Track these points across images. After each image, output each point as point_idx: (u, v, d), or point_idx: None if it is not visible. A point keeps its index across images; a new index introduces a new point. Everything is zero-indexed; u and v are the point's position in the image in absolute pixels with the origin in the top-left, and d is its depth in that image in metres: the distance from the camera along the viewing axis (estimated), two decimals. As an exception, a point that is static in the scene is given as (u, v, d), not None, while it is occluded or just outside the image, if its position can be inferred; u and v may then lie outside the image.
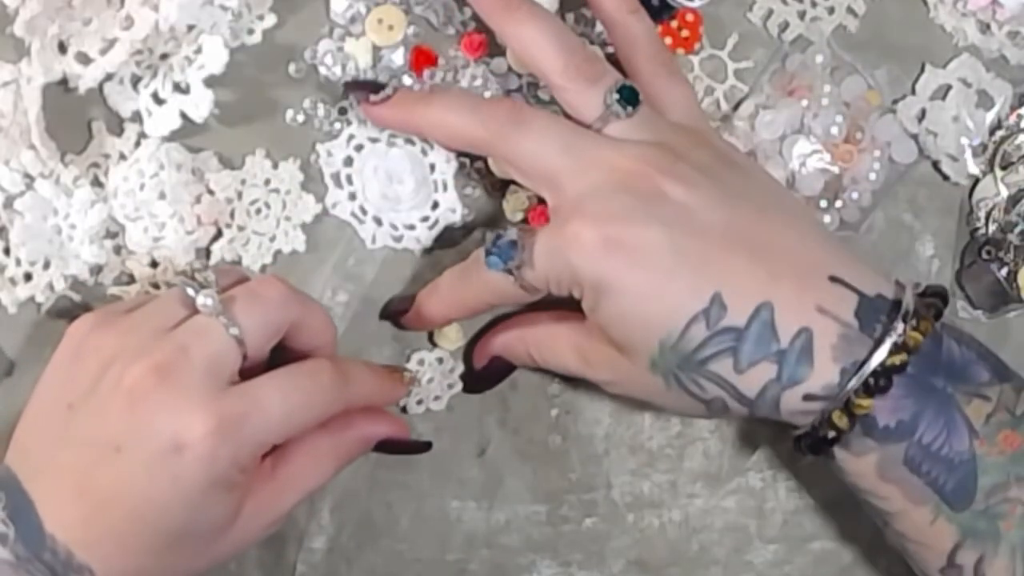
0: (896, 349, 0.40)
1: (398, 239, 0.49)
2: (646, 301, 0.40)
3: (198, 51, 0.47)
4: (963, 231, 0.52)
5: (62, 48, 0.47)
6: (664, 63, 0.45)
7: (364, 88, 0.47)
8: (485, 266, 0.43)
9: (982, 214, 0.51)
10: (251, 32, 0.48)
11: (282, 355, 0.44)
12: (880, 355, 0.40)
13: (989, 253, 0.51)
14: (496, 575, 0.50)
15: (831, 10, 0.51)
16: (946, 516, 0.41)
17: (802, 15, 0.51)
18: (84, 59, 0.47)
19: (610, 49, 0.48)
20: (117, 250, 0.48)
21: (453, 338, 0.49)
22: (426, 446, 0.48)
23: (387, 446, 0.47)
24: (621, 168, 0.41)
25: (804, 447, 0.42)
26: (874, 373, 0.40)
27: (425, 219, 0.49)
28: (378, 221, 0.49)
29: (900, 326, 0.40)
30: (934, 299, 0.42)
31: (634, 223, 0.40)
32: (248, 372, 0.42)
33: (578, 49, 0.44)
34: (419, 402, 0.49)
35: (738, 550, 0.51)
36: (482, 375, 0.49)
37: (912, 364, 0.40)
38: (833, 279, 0.41)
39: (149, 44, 0.47)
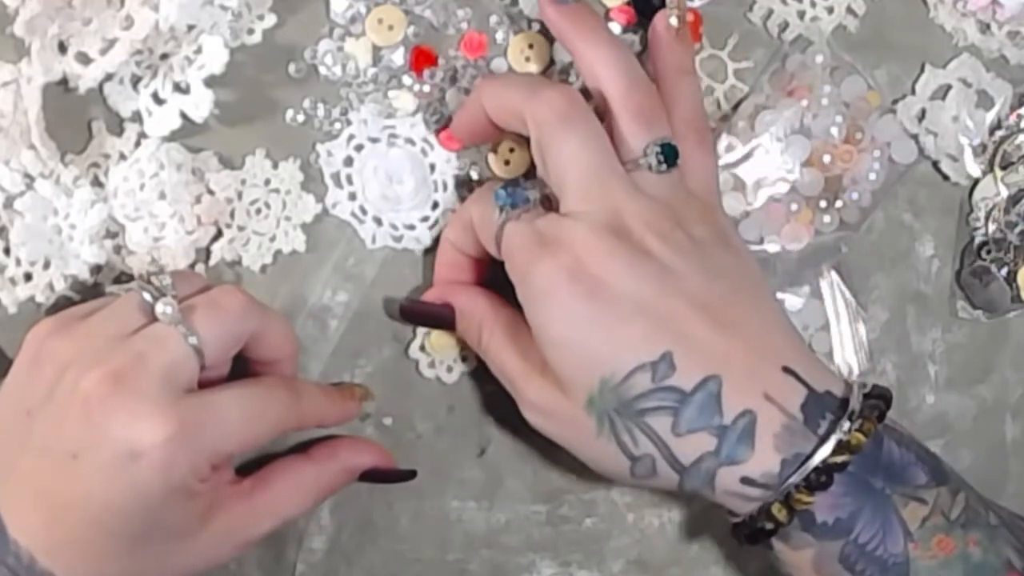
0: (839, 448, 0.40)
1: (398, 239, 0.49)
2: (593, 334, 0.40)
3: (198, 51, 0.47)
4: (963, 231, 0.52)
5: (62, 48, 0.47)
6: (699, 129, 0.45)
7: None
8: (493, 194, 0.43)
9: (982, 214, 0.51)
10: (251, 32, 0.48)
11: (243, 366, 0.44)
12: (824, 452, 0.40)
13: (989, 253, 0.51)
14: (496, 575, 0.50)
15: (831, 10, 0.51)
16: None
17: (802, 15, 0.51)
18: (84, 59, 0.47)
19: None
20: (117, 250, 0.48)
21: (445, 344, 0.49)
22: (410, 474, 0.49)
23: (372, 475, 0.47)
24: (624, 214, 0.41)
25: (742, 535, 0.43)
26: (816, 469, 0.40)
27: (425, 219, 0.49)
28: (378, 221, 0.49)
29: (846, 425, 0.40)
30: (878, 400, 0.42)
31: (610, 264, 0.40)
32: (208, 383, 0.42)
33: (643, 84, 0.44)
34: (431, 365, 0.49)
35: (738, 550, 0.51)
36: (420, 308, 0.48)
37: (853, 463, 0.40)
38: (786, 370, 0.41)
39: (149, 44, 0.47)
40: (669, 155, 0.43)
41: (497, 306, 0.46)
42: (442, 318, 0.47)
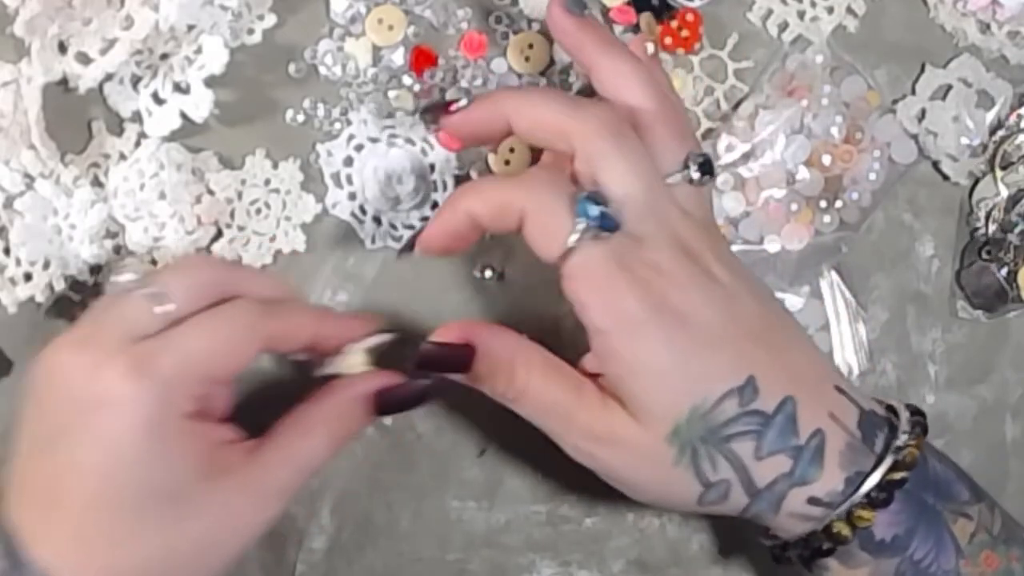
0: (897, 465, 0.40)
1: (398, 239, 0.49)
2: (686, 364, 0.39)
3: (198, 51, 0.47)
4: (963, 231, 0.52)
5: (62, 48, 0.47)
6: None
7: (438, 108, 0.44)
8: (570, 204, 0.39)
9: (982, 214, 0.51)
10: (251, 32, 0.48)
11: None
12: (883, 468, 0.40)
13: (989, 253, 0.51)
14: (496, 575, 0.50)
15: (831, 10, 0.51)
16: None
17: (802, 15, 0.51)
18: (84, 59, 0.47)
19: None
20: (117, 250, 0.48)
21: (354, 364, 0.44)
22: (433, 390, 0.43)
23: (389, 403, 0.43)
24: (686, 237, 0.41)
25: (795, 556, 0.42)
26: (877, 486, 0.40)
27: (425, 219, 0.49)
28: (378, 221, 0.49)
29: (901, 439, 0.41)
30: (919, 417, 0.42)
31: (691, 291, 0.40)
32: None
33: (672, 97, 0.43)
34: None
35: (738, 550, 0.51)
36: (439, 353, 0.42)
37: (908, 480, 0.40)
38: (838, 389, 0.42)
39: (149, 44, 0.47)
40: (707, 167, 0.42)
41: (525, 341, 0.43)
42: (462, 361, 0.42)
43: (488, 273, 0.50)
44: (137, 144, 0.48)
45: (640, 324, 0.39)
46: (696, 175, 0.42)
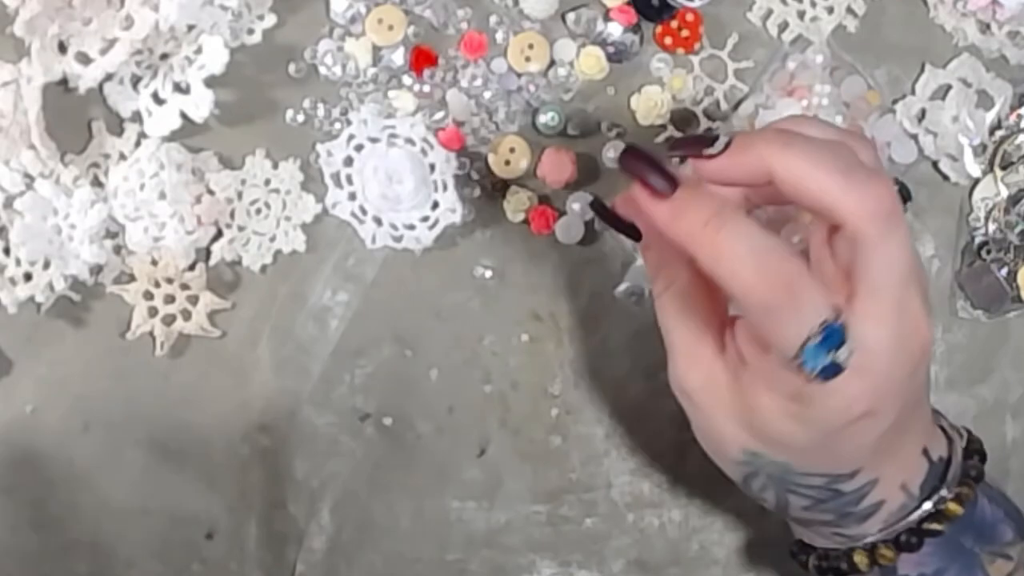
0: (935, 516, 0.40)
1: (398, 239, 0.49)
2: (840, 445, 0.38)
3: (198, 51, 0.47)
4: (963, 231, 0.52)
5: (62, 48, 0.47)
6: None
7: (689, 145, 0.39)
8: (813, 317, 0.35)
9: (982, 214, 0.51)
10: (251, 32, 0.48)
11: None
12: (917, 515, 0.40)
13: (989, 253, 0.51)
14: (496, 575, 0.50)
15: (831, 10, 0.51)
16: None
17: (802, 15, 0.51)
18: (84, 59, 0.47)
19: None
20: (117, 250, 0.48)
21: None
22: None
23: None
24: (924, 339, 0.38)
25: (812, 567, 0.42)
26: (908, 530, 0.40)
27: (425, 219, 0.49)
28: (378, 221, 0.49)
29: (943, 492, 0.40)
30: (975, 458, 0.41)
31: (900, 394, 0.37)
32: None
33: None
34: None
35: (738, 550, 0.51)
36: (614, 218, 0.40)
37: (946, 526, 0.40)
38: (924, 452, 0.40)
39: (149, 44, 0.47)
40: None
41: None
42: (630, 231, 0.39)
43: (488, 273, 0.50)
44: (137, 144, 0.48)
45: (844, 417, 0.37)
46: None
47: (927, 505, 0.40)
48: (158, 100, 0.47)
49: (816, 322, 0.34)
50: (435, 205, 0.49)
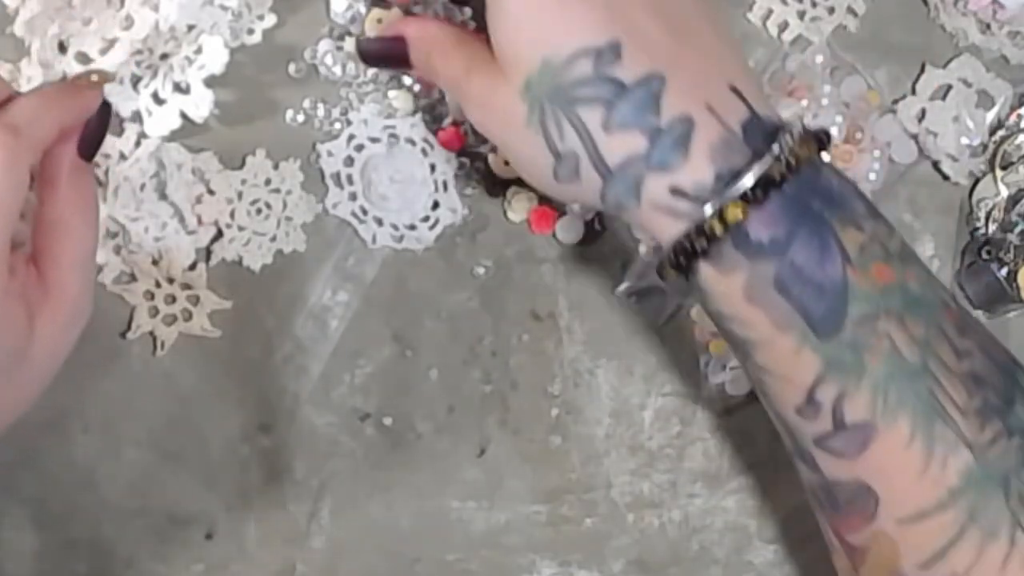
0: (776, 163, 0.38)
1: (398, 239, 0.49)
2: (546, 11, 0.39)
3: (198, 51, 0.47)
4: (963, 231, 0.52)
5: (62, 48, 0.47)
6: None
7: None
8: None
9: (982, 214, 0.51)
10: (251, 32, 0.48)
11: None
12: (759, 168, 0.38)
13: (989, 253, 0.51)
14: (496, 575, 0.50)
15: (831, 10, 0.51)
16: (811, 346, 0.39)
17: (802, 15, 0.51)
18: (84, 59, 0.47)
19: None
20: (117, 250, 0.48)
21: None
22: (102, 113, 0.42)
23: (84, 144, 0.42)
24: None
25: (668, 259, 0.40)
26: (753, 186, 0.38)
27: (425, 219, 0.49)
28: (378, 221, 0.49)
29: (785, 140, 0.39)
30: (819, 131, 0.40)
31: None
32: None
33: None
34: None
35: (738, 550, 0.51)
36: (375, 46, 0.45)
37: (790, 184, 0.38)
38: (733, 88, 0.40)
39: (149, 44, 0.47)
40: None
41: (445, 27, 0.44)
42: (397, 52, 0.44)
43: (488, 273, 0.50)
44: (137, 144, 0.48)
45: None
46: None
47: (767, 156, 0.38)
48: (158, 100, 0.47)
49: None
50: (435, 205, 0.49)
